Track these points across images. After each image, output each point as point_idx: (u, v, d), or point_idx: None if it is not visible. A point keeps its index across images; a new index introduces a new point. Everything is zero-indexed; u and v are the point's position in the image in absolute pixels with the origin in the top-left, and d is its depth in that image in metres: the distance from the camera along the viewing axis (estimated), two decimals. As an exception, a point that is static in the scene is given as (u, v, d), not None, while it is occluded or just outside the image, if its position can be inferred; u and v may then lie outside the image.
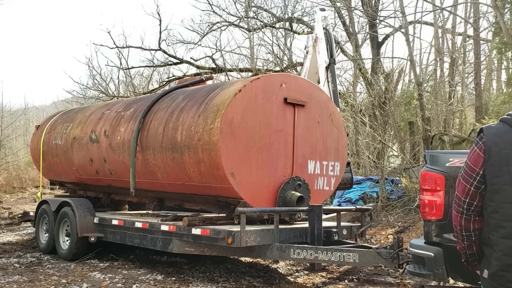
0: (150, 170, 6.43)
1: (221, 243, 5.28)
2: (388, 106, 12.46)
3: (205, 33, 18.86)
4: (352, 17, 16.01)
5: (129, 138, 6.68)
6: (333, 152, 6.46)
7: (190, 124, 5.70)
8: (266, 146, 5.67)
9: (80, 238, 7.02)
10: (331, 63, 7.99)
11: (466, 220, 2.30)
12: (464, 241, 2.35)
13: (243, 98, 5.47)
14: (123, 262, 7.00)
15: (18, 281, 5.88)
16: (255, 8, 18.30)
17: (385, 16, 15.23)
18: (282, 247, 5.34)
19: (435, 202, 3.62)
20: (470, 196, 2.26)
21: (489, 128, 2.26)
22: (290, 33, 18.24)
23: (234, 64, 19.43)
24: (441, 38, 14.77)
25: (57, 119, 9.15)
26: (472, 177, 2.25)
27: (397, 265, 4.94)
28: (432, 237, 3.68)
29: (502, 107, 11.38)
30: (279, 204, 5.74)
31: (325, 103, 6.43)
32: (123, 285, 5.69)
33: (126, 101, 7.92)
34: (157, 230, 6.07)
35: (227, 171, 5.33)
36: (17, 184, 20.10)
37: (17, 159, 25.37)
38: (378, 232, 8.82)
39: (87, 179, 8.13)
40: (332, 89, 7.82)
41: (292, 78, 6.15)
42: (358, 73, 15.50)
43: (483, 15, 13.99)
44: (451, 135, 11.05)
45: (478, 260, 2.36)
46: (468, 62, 14.72)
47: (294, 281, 6.04)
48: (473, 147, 2.29)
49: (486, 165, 2.20)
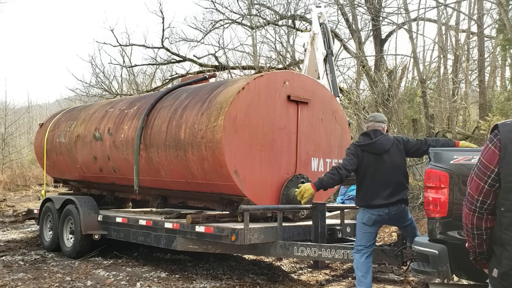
0: (154, 168, 6.44)
1: (225, 240, 5.29)
2: (391, 103, 12.42)
3: (208, 31, 18.83)
4: (355, 14, 15.96)
5: (132, 136, 6.68)
6: (336, 149, 6.45)
7: (193, 122, 5.70)
8: (270, 144, 5.67)
9: (84, 236, 7.04)
10: (328, 54, 8.05)
11: (478, 219, 2.25)
12: (474, 240, 2.30)
13: (246, 96, 5.47)
14: (127, 259, 7.02)
15: (23, 278, 5.90)
16: (257, 5, 18.26)
17: (389, 13, 15.16)
18: (286, 244, 5.35)
19: (439, 199, 3.61)
20: (483, 194, 2.20)
21: (505, 125, 2.19)
22: (293, 30, 18.19)
23: (237, 62, 19.42)
24: (445, 35, 14.70)
25: (61, 117, 9.17)
26: (487, 175, 2.19)
27: (401, 263, 4.94)
28: (436, 235, 3.67)
29: (506, 104, 11.33)
30: (283, 202, 5.74)
31: (329, 101, 6.43)
32: (127, 282, 5.71)
33: (130, 99, 7.93)
34: (161, 228, 6.08)
35: (230, 169, 5.33)
36: (21, 182, 20.16)
37: (21, 157, 25.45)
38: (381, 229, 8.80)
39: (91, 177, 8.15)
40: (330, 80, 7.86)
41: (295, 75, 6.14)
42: (361, 70, 15.46)
43: (487, 12, 13.89)
44: (455, 133, 11.01)
45: (487, 259, 2.32)
46: (472, 59, 14.65)
47: (297, 279, 6.05)
48: (487, 144, 2.23)
49: (502, 163, 2.14)
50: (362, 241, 4.63)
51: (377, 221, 4.60)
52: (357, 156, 4.55)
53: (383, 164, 4.49)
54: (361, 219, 4.62)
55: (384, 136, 4.57)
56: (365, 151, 4.55)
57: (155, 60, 20.03)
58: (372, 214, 4.53)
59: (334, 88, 7.73)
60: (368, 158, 4.55)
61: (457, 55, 13.81)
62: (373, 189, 4.51)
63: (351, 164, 4.53)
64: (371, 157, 4.53)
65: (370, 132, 4.61)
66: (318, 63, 8.10)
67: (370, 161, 4.54)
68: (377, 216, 4.53)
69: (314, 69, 8.26)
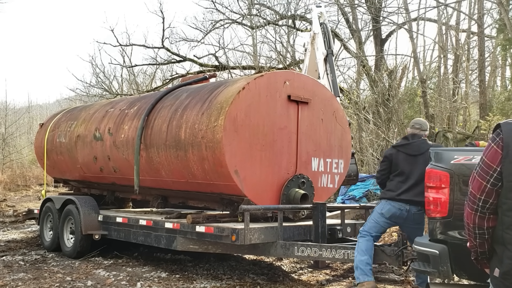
0: (154, 168, 6.44)
1: (225, 240, 5.29)
2: (391, 103, 12.43)
3: (208, 30, 18.86)
4: (355, 14, 15.97)
5: (133, 136, 6.68)
6: (337, 149, 6.45)
7: (193, 122, 5.70)
8: (270, 144, 5.67)
9: (84, 236, 7.04)
10: (329, 53, 8.09)
11: (480, 218, 2.24)
12: (476, 239, 2.29)
13: (246, 96, 5.46)
14: (127, 259, 7.02)
15: (23, 278, 5.90)
16: (258, 5, 18.27)
17: (389, 13, 15.18)
18: (286, 244, 5.34)
19: (440, 199, 3.61)
20: (486, 194, 2.20)
21: (508, 124, 2.19)
22: (293, 30, 18.22)
23: (237, 62, 19.46)
24: (445, 35, 14.71)
25: (61, 117, 9.17)
26: (489, 174, 2.18)
27: (402, 263, 4.94)
28: (437, 235, 3.67)
29: (506, 104, 11.34)
30: (283, 202, 5.73)
31: (329, 100, 6.42)
32: (127, 282, 5.71)
33: (130, 99, 7.93)
34: (161, 228, 6.08)
35: (230, 169, 5.33)
36: (21, 182, 20.15)
37: (21, 157, 25.47)
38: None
39: (91, 177, 8.15)
40: (331, 79, 7.88)
41: (296, 75, 6.14)
42: (361, 70, 15.46)
43: (487, 12, 13.90)
44: (455, 132, 11.01)
45: (489, 259, 2.31)
46: (472, 59, 14.65)
47: (298, 279, 6.04)
48: (490, 144, 2.22)
49: (504, 162, 2.14)
50: (371, 229, 4.93)
51: (395, 216, 4.86)
52: (389, 158, 5.07)
53: (417, 165, 4.81)
54: (380, 209, 4.95)
55: (421, 140, 5.00)
56: (400, 151, 5.00)
57: (155, 60, 20.06)
58: (393, 206, 4.84)
59: (334, 88, 7.75)
60: (402, 157, 4.95)
61: (457, 55, 13.81)
62: (401, 185, 4.85)
63: (381, 166, 5.22)
64: (406, 157, 4.93)
65: (409, 136, 5.11)
66: (319, 63, 8.11)
67: (404, 161, 4.91)
68: (397, 210, 4.82)
69: (314, 69, 8.27)
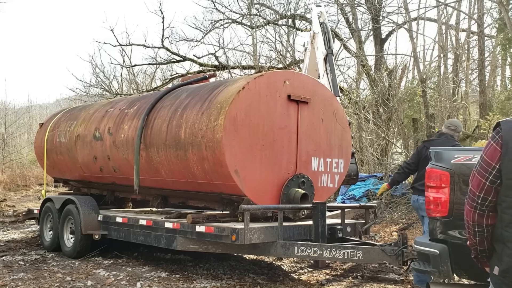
0: (154, 168, 6.44)
1: (225, 240, 5.28)
2: (391, 102, 12.43)
3: (208, 30, 18.85)
4: (355, 14, 15.96)
5: (132, 135, 6.68)
6: (337, 149, 6.44)
7: (193, 122, 5.69)
8: (270, 143, 5.67)
9: (84, 236, 7.04)
10: (329, 53, 8.09)
11: (480, 216, 2.26)
12: (476, 237, 2.30)
13: (246, 95, 5.46)
14: (127, 259, 7.02)
15: (23, 278, 5.90)
16: (257, 5, 18.26)
17: (389, 12, 15.17)
18: (286, 244, 5.34)
19: (440, 199, 3.60)
20: (485, 191, 2.22)
21: (507, 123, 2.21)
22: (293, 30, 18.20)
23: (237, 62, 19.45)
24: (445, 34, 14.69)
25: (61, 117, 9.17)
26: (488, 172, 2.20)
27: (402, 262, 4.94)
28: (437, 234, 3.66)
29: (506, 104, 11.34)
30: (283, 201, 5.73)
31: (329, 100, 6.42)
32: (127, 282, 5.71)
33: (130, 99, 7.92)
34: (161, 228, 6.07)
35: (230, 169, 5.33)
36: (21, 182, 20.16)
37: (21, 157, 25.46)
38: (382, 229, 8.80)
39: (91, 176, 8.15)
40: (331, 79, 7.88)
41: (296, 75, 6.13)
42: (361, 69, 15.46)
43: (487, 11, 13.89)
44: (455, 132, 10.98)
45: (488, 257, 2.32)
46: (472, 59, 14.64)
47: (298, 278, 6.04)
48: (489, 141, 2.25)
49: (503, 159, 2.15)
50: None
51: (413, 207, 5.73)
52: (418, 151, 5.68)
53: None
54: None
55: (445, 138, 5.44)
56: (425, 146, 5.52)
57: (155, 59, 20.06)
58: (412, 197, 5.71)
59: (334, 87, 7.75)
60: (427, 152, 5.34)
61: (457, 55, 13.79)
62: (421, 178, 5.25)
63: (411, 158, 5.89)
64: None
65: (438, 133, 5.64)
66: (318, 62, 8.10)
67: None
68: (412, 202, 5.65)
69: (314, 69, 8.27)
